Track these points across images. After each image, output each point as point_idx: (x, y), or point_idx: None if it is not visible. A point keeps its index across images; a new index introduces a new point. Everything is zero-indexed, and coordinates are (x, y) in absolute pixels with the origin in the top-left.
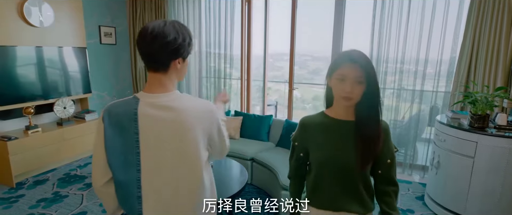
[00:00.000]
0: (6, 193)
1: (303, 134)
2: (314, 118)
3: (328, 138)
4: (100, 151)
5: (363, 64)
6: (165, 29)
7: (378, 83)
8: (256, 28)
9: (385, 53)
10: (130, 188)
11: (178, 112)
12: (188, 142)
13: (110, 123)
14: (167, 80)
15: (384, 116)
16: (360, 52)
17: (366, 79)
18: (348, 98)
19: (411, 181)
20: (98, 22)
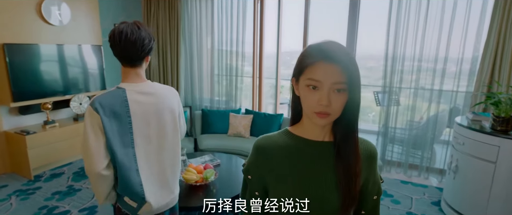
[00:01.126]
0: (24, 185)
1: (259, 162)
2: (275, 138)
3: (295, 167)
4: (98, 138)
5: (345, 63)
6: (141, 33)
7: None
8: (268, 25)
9: (402, 50)
10: (131, 163)
11: (157, 96)
12: (166, 118)
13: (105, 112)
14: (142, 72)
15: (401, 116)
16: (338, 45)
17: (349, 86)
18: (324, 114)
19: (427, 184)
20: (113, 20)
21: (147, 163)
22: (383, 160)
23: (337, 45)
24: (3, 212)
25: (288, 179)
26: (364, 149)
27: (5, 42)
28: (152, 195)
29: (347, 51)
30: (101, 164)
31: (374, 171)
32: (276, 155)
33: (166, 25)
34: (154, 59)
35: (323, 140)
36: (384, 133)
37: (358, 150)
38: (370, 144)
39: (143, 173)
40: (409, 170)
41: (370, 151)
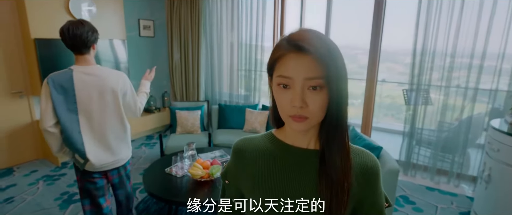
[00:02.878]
0: (52, 171)
1: (236, 167)
2: (256, 141)
3: (272, 176)
4: (47, 103)
5: (320, 53)
6: (84, 28)
7: (347, 84)
8: (289, 18)
9: (432, 45)
10: (73, 126)
11: (99, 77)
12: (107, 94)
13: (54, 85)
14: (90, 57)
15: (430, 116)
16: (314, 31)
17: (328, 82)
18: (300, 118)
19: (456, 193)
20: (137, 16)
21: (89, 128)
22: (408, 163)
23: (313, 32)
24: (30, 195)
25: (263, 189)
26: (360, 162)
27: (36, 37)
28: (93, 154)
29: (325, 38)
30: (48, 122)
31: (373, 191)
32: (254, 161)
33: (188, 20)
34: (176, 53)
35: (307, 148)
36: (410, 134)
37: (348, 162)
38: (369, 157)
39: (86, 136)
40: (437, 176)
41: (368, 166)
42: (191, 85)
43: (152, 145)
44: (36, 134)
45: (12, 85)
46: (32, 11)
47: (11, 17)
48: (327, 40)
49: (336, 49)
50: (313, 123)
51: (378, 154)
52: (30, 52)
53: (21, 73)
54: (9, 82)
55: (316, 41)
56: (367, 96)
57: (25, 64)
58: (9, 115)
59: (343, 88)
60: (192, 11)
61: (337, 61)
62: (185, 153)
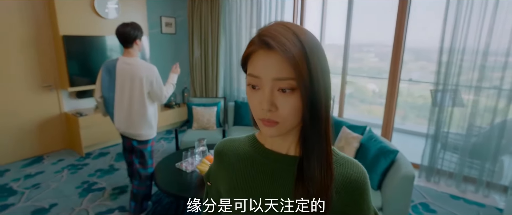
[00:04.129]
0: (77, 160)
1: (217, 169)
2: (237, 143)
3: (248, 182)
4: (98, 81)
5: (291, 50)
6: (127, 28)
7: (329, 86)
8: (310, 15)
9: (462, 42)
10: (110, 99)
11: (133, 66)
12: (136, 81)
13: (104, 69)
14: (133, 51)
15: (457, 119)
16: (290, 27)
17: (300, 84)
18: (270, 122)
19: (484, 203)
20: (160, 13)
21: (120, 103)
22: (431, 168)
23: (287, 27)
24: (54, 182)
25: (238, 194)
26: (343, 173)
27: (64, 34)
28: (117, 120)
29: (301, 34)
30: (97, 94)
31: (358, 207)
32: (233, 164)
33: (208, 17)
34: (197, 50)
35: (287, 153)
36: (435, 136)
37: (330, 173)
38: (355, 168)
39: (116, 108)
40: (464, 183)
41: (351, 178)
42: (210, 82)
43: (170, 139)
44: (64, 125)
45: (43, 79)
46: (61, 10)
47: (44, 16)
48: (304, 37)
49: (314, 47)
50: (285, 128)
51: (393, 158)
52: (59, 49)
53: (51, 68)
54: (40, 76)
55: (288, 37)
56: (389, 96)
57: (55, 60)
58: (39, 107)
59: (321, 91)
60: (212, 9)
61: (312, 61)
62: (196, 149)
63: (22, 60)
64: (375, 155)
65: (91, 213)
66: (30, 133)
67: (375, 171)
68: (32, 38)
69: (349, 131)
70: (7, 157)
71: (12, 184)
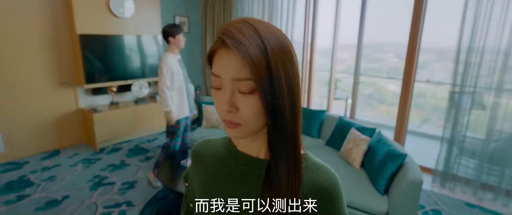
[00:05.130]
0: (91, 155)
1: (193, 169)
2: (212, 144)
3: (217, 185)
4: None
5: (250, 51)
6: (166, 27)
7: (294, 89)
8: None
9: (481, 42)
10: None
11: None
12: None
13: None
14: (169, 46)
15: (474, 123)
16: (252, 24)
17: (259, 84)
18: (231, 124)
19: (502, 213)
20: (173, 12)
21: (179, 91)
22: (446, 173)
23: (248, 24)
24: (69, 175)
25: (208, 196)
26: (312, 179)
27: (81, 33)
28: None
29: (261, 31)
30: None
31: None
32: (206, 165)
33: (221, 16)
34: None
35: (257, 156)
36: (450, 140)
37: (298, 178)
38: (325, 175)
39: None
40: (481, 191)
41: (321, 185)
42: None
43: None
44: (80, 121)
45: (61, 76)
46: (78, 9)
47: (63, 16)
48: (267, 35)
49: (277, 47)
50: (248, 130)
51: (401, 162)
52: (76, 47)
53: (69, 66)
54: (58, 73)
55: (248, 35)
56: (403, 98)
57: (72, 58)
58: (57, 103)
59: (284, 94)
60: (225, 8)
61: (274, 62)
62: None
63: (41, 58)
64: (383, 159)
65: (99, 206)
66: (48, 128)
67: (381, 175)
68: (51, 37)
69: (358, 132)
70: (27, 149)
71: (29, 176)
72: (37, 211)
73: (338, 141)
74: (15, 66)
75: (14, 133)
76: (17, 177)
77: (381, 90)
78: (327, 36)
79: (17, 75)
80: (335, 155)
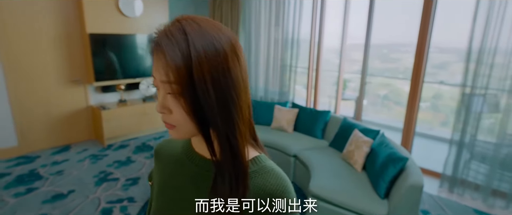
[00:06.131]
0: (99, 151)
1: (155, 169)
2: (173, 143)
3: (171, 185)
4: None
5: (171, 54)
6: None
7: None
8: (330, 13)
9: (493, 42)
10: None
11: None
12: None
13: None
14: None
15: (485, 126)
16: (179, 25)
17: (181, 89)
18: (167, 124)
19: None
20: (181, 12)
21: None
22: (454, 178)
23: (180, 24)
24: (76, 170)
25: (162, 197)
26: (260, 184)
27: (90, 32)
28: None
29: (191, 34)
30: None
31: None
32: (164, 165)
33: (228, 16)
34: None
35: (208, 157)
36: (460, 143)
37: (243, 182)
38: (273, 179)
39: None
40: (492, 197)
41: (266, 190)
42: None
43: None
44: (90, 117)
45: (72, 73)
46: (88, 9)
47: (74, 15)
48: (197, 39)
49: (207, 51)
50: (184, 132)
51: (402, 165)
52: (86, 45)
53: (79, 64)
54: (69, 71)
55: (175, 38)
56: (411, 99)
57: (82, 56)
58: (69, 100)
59: (211, 100)
60: (232, 8)
61: (198, 67)
62: None
63: (53, 56)
64: (384, 162)
65: (102, 201)
66: (60, 124)
67: (382, 178)
68: (63, 36)
69: (361, 134)
70: (40, 144)
71: (39, 170)
72: (44, 203)
73: (342, 143)
74: (29, 64)
75: (27, 128)
76: (28, 171)
77: (397, 91)
78: (339, 35)
79: (31, 72)
80: (337, 157)
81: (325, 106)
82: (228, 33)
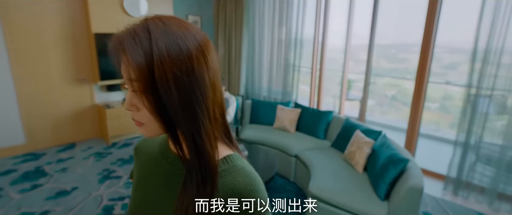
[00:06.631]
0: (103, 149)
1: (134, 166)
2: (151, 141)
3: (145, 184)
4: None
5: (132, 53)
6: None
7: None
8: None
9: (499, 42)
10: None
11: None
12: None
13: None
14: None
15: (491, 127)
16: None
17: (143, 88)
18: (136, 122)
19: None
20: (186, 12)
21: None
22: (459, 181)
23: (145, 23)
24: (80, 167)
25: (136, 195)
26: (229, 183)
27: (96, 32)
28: None
29: (155, 33)
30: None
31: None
32: (142, 162)
33: (233, 16)
34: (222, 48)
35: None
36: (465, 144)
37: (212, 181)
38: (244, 179)
39: None
40: (497, 201)
41: (235, 189)
42: (233, 80)
43: None
44: (95, 116)
45: (78, 72)
46: (94, 9)
47: (80, 15)
48: (161, 39)
49: (170, 51)
50: (152, 130)
51: (403, 167)
52: (91, 45)
53: (85, 63)
54: (75, 70)
55: (138, 37)
56: (415, 99)
57: (88, 55)
58: (74, 98)
59: (174, 100)
60: (237, 8)
61: (161, 67)
62: None
63: (59, 55)
64: (385, 163)
65: (104, 198)
66: (66, 122)
67: (383, 180)
68: (70, 35)
69: (362, 135)
70: (46, 142)
71: (45, 167)
72: (48, 200)
73: (344, 143)
74: (36, 64)
75: (34, 126)
76: (34, 167)
77: (405, 92)
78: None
79: (38, 72)
80: (339, 157)
81: (329, 106)
82: (197, 32)
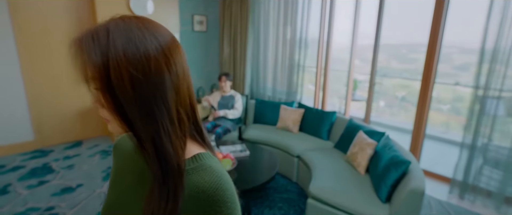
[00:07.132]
0: (109, 146)
1: (112, 164)
2: (129, 139)
3: (120, 182)
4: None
5: (88, 52)
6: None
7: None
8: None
9: (507, 42)
10: None
11: None
12: None
13: None
14: None
15: (500, 131)
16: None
17: (107, 85)
18: (103, 118)
19: None
20: (192, 11)
21: None
22: (465, 184)
23: (107, 22)
24: (86, 164)
25: (111, 193)
26: (194, 182)
27: None
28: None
29: (112, 35)
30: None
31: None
32: (118, 160)
33: (238, 16)
34: (227, 48)
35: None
36: (471, 146)
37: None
38: (210, 177)
39: None
40: (505, 205)
41: (200, 188)
42: (238, 79)
43: None
44: None
45: None
46: (100, 9)
47: (88, 15)
48: (119, 42)
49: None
50: (117, 127)
51: (405, 169)
52: None
53: None
54: None
55: (98, 36)
56: (421, 100)
57: None
58: (80, 97)
59: (131, 102)
60: (242, 8)
61: (117, 67)
62: None
63: (67, 55)
64: (386, 165)
65: None
66: (73, 120)
67: (384, 182)
68: None
69: (365, 136)
70: (54, 139)
71: (52, 163)
72: (53, 196)
73: (347, 144)
74: (45, 63)
75: (43, 124)
76: (42, 164)
77: (415, 92)
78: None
79: (46, 71)
80: (341, 158)
81: (334, 107)
82: (161, 34)
